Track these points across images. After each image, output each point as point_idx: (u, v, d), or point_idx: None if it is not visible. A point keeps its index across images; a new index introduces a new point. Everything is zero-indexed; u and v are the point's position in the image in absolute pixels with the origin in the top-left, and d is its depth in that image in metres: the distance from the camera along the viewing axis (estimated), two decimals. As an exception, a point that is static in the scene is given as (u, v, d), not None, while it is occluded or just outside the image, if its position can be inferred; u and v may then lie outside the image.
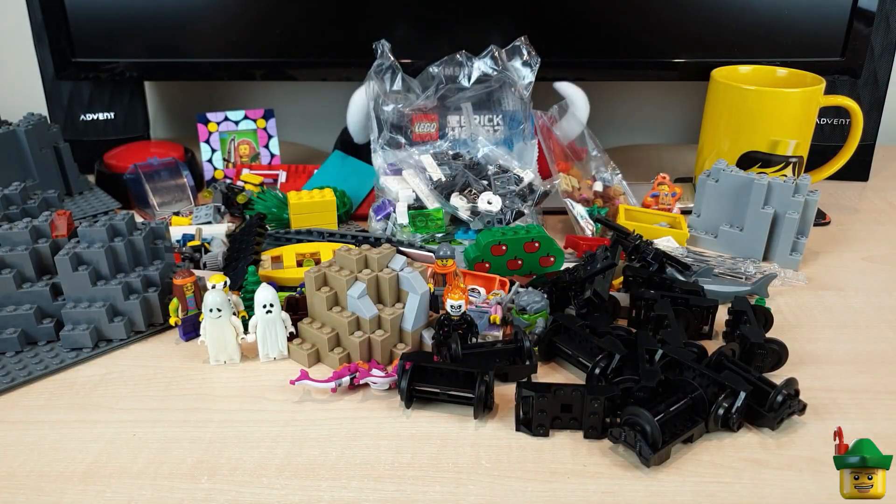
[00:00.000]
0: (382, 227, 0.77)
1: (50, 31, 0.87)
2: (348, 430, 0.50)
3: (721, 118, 0.82)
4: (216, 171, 0.92)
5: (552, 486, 0.45)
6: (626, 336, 0.56)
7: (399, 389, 0.52)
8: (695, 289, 0.61)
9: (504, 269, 0.68)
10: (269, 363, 0.58)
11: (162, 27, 0.88)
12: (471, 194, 0.76)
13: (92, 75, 0.91)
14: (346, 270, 0.57)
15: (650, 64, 0.91)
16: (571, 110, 0.86)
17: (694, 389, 0.49)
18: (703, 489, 0.45)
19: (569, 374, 0.57)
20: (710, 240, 0.76)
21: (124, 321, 0.60)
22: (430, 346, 0.57)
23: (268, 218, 0.77)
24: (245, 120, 0.92)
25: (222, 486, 0.45)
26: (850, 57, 0.87)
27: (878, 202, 0.90)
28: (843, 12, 0.85)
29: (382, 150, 0.81)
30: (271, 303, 0.56)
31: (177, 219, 0.79)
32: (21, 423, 0.51)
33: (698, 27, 0.88)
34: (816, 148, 0.84)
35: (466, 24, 0.89)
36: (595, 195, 0.82)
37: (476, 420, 0.51)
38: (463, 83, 0.80)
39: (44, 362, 0.57)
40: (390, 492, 0.45)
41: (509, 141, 0.83)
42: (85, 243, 0.59)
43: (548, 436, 0.49)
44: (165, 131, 1.14)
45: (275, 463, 0.47)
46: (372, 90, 0.81)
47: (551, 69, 0.84)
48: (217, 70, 0.92)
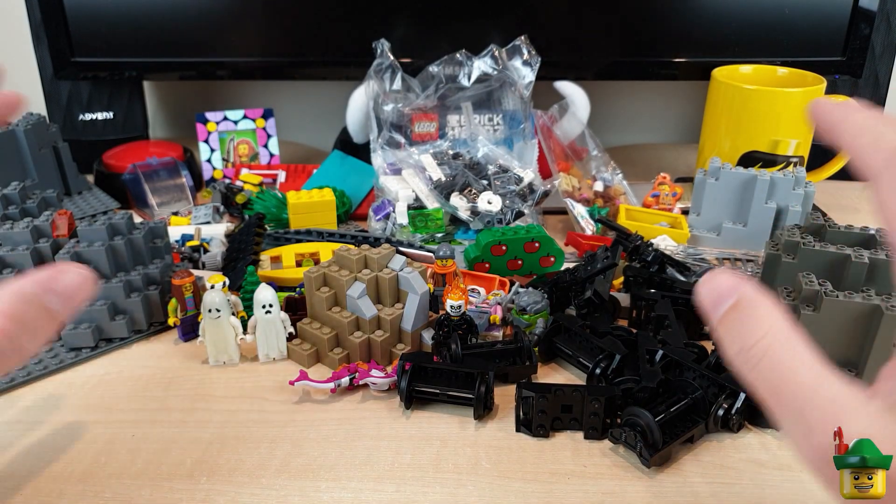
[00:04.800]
0: (382, 227, 0.77)
1: (49, 31, 0.87)
2: (348, 431, 0.50)
3: (722, 118, 0.82)
4: (215, 171, 0.92)
5: (552, 486, 0.45)
6: (627, 336, 0.56)
7: (399, 390, 0.51)
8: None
9: (504, 269, 0.68)
10: (269, 364, 0.58)
11: (161, 27, 0.88)
12: (471, 194, 0.75)
13: (91, 75, 0.91)
14: (346, 270, 0.56)
15: (650, 64, 0.91)
16: (572, 110, 0.86)
17: (694, 390, 0.49)
18: (703, 489, 0.45)
19: (569, 375, 0.57)
20: (713, 238, 0.76)
21: (126, 319, 0.59)
22: (429, 346, 0.57)
23: (267, 218, 0.77)
24: (244, 119, 0.92)
25: (221, 487, 0.45)
26: (851, 57, 0.87)
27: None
28: (844, 12, 0.85)
29: (382, 150, 0.80)
30: (270, 303, 0.55)
31: (176, 219, 0.78)
32: (20, 424, 0.51)
33: (699, 27, 0.88)
34: (817, 148, 0.83)
35: (466, 24, 0.89)
36: (595, 195, 0.82)
37: (476, 421, 0.51)
38: (463, 82, 0.80)
39: (43, 362, 0.57)
40: (390, 492, 0.44)
41: (509, 140, 0.83)
42: (85, 242, 0.59)
43: (548, 436, 0.49)
44: (164, 131, 1.14)
45: (274, 464, 0.47)
46: (371, 89, 0.81)
47: (551, 69, 0.84)
48: (216, 70, 0.92)
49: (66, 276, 0.35)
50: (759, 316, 0.32)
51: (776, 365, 0.30)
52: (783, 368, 0.30)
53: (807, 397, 0.29)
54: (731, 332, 0.33)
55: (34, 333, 0.34)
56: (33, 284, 0.34)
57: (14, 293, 0.34)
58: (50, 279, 0.35)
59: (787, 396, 0.29)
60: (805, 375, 0.29)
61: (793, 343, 0.31)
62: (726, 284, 0.34)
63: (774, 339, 0.31)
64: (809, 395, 0.29)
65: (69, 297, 0.35)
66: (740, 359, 0.32)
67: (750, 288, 0.34)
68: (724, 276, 0.34)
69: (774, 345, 0.31)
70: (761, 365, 0.31)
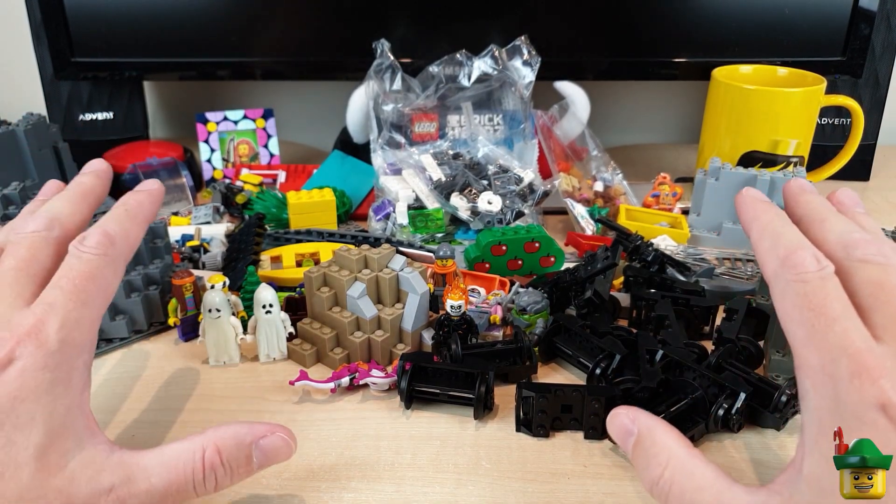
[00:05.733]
0: (382, 227, 0.77)
1: (49, 31, 0.87)
2: (348, 431, 0.50)
3: (722, 118, 0.82)
4: (215, 171, 0.92)
5: (552, 486, 0.45)
6: (627, 336, 0.56)
7: (399, 390, 0.51)
8: (696, 289, 0.61)
9: (504, 269, 0.68)
10: (269, 364, 0.58)
11: (161, 27, 0.88)
12: (471, 194, 0.75)
13: (91, 75, 0.91)
14: (346, 270, 0.56)
15: (650, 64, 0.91)
16: (572, 110, 0.86)
17: (694, 390, 0.49)
18: (703, 490, 0.45)
19: (569, 375, 0.57)
20: (714, 237, 0.76)
21: (126, 319, 0.59)
22: (429, 346, 0.57)
23: (267, 218, 0.77)
24: (244, 119, 0.92)
25: (221, 487, 0.45)
26: (851, 57, 0.87)
27: (879, 202, 0.90)
28: (844, 12, 0.85)
29: (382, 150, 0.80)
30: (271, 303, 0.55)
31: (176, 219, 0.79)
32: (20, 424, 0.51)
33: (698, 27, 0.88)
34: (817, 148, 0.83)
35: (466, 24, 0.89)
36: (596, 195, 0.82)
37: (476, 421, 0.51)
38: (463, 83, 0.80)
39: (43, 362, 0.57)
40: (390, 492, 0.44)
41: (509, 141, 0.83)
42: (84, 243, 0.59)
43: (548, 436, 0.49)
44: (164, 131, 1.14)
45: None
46: (371, 90, 0.81)
47: (551, 69, 0.84)
48: (217, 70, 0.92)
49: (275, 437, 0.39)
50: (658, 449, 0.36)
51: (682, 494, 0.35)
52: (687, 498, 0.34)
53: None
54: (640, 466, 0.37)
55: (232, 473, 0.38)
56: (251, 434, 0.39)
57: (233, 436, 0.38)
58: (263, 434, 0.39)
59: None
60: (707, 498, 0.34)
61: (690, 469, 0.35)
62: (626, 420, 0.39)
63: (675, 470, 0.35)
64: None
65: (269, 457, 0.40)
66: (655, 492, 0.36)
67: (645, 420, 0.38)
68: (622, 414, 0.39)
69: (676, 475, 0.35)
70: (671, 496, 0.35)
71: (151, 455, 0.37)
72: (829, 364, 0.31)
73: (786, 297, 0.34)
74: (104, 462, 0.35)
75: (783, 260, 0.34)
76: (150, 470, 0.36)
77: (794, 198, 0.41)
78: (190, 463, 0.36)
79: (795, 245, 0.35)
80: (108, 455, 0.36)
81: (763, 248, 0.37)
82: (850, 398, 0.30)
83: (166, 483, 0.36)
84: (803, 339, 0.32)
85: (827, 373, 0.31)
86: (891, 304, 0.32)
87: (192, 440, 0.38)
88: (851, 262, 0.34)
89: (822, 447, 0.31)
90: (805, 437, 0.33)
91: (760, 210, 0.40)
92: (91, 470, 0.35)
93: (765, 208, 0.40)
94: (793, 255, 0.34)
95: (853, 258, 0.34)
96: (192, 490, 0.37)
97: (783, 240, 0.35)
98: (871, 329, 0.31)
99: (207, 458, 0.37)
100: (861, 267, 0.33)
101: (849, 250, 0.34)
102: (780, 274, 0.34)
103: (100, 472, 0.35)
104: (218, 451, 0.37)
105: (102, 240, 0.38)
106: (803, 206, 0.40)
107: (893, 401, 0.29)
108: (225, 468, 0.37)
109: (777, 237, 0.36)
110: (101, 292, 0.37)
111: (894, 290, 0.32)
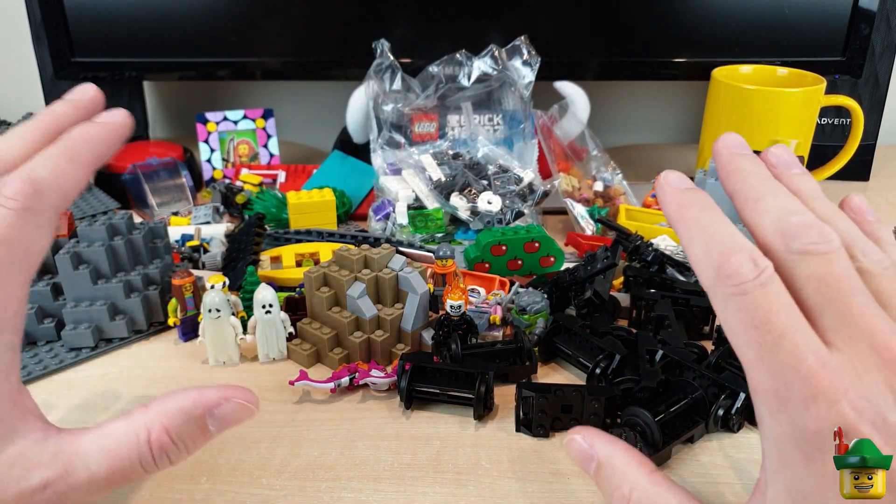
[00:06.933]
0: (382, 227, 0.77)
1: (49, 31, 0.87)
2: (348, 431, 0.50)
3: (722, 118, 0.82)
4: (215, 171, 0.92)
5: (552, 486, 0.45)
6: (627, 336, 0.56)
7: (399, 390, 0.51)
8: (695, 289, 0.61)
9: (504, 269, 0.68)
10: (269, 364, 0.58)
11: (161, 27, 0.88)
12: (471, 194, 0.75)
13: (91, 75, 0.91)
14: (346, 270, 0.56)
15: (650, 64, 0.91)
16: (572, 110, 0.86)
17: (694, 390, 0.49)
18: (703, 489, 0.45)
19: (569, 375, 0.57)
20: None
21: (126, 319, 0.59)
22: (429, 346, 0.57)
23: (267, 218, 0.77)
24: (244, 119, 0.92)
25: (221, 487, 0.45)
26: (851, 57, 0.87)
27: (879, 202, 0.90)
28: (844, 12, 0.85)
29: (382, 150, 0.80)
30: (270, 303, 0.55)
31: (175, 219, 0.78)
32: (20, 424, 0.51)
33: (698, 27, 0.88)
34: (817, 148, 0.83)
35: (466, 24, 0.89)
36: (595, 195, 0.82)
37: (476, 421, 0.51)
38: (463, 82, 0.80)
39: (43, 362, 0.57)
40: (390, 492, 0.44)
41: (509, 141, 0.83)
42: (85, 242, 0.59)
43: (548, 436, 0.49)
44: (164, 131, 1.14)
45: (274, 464, 0.47)
46: (371, 90, 0.81)
47: (551, 69, 0.84)
48: (217, 70, 0.92)
49: (230, 405, 0.36)
50: (620, 478, 0.36)
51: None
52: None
53: None
54: (604, 494, 0.37)
55: (186, 447, 0.36)
56: (200, 406, 0.36)
57: (180, 411, 0.35)
58: (216, 403, 0.36)
59: None
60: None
61: (655, 492, 0.35)
62: (584, 445, 0.38)
63: (641, 494, 0.35)
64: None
65: (228, 423, 0.37)
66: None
67: (603, 447, 0.38)
68: (578, 439, 0.39)
69: (643, 499, 0.35)
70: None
71: (91, 438, 0.33)
72: (783, 388, 0.28)
73: (727, 312, 0.30)
74: (36, 456, 0.32)
75: (718, 269, 0.30)
76: (89, 458, 0.33)
77: (725, 167, 0.35)
78: (134, 447, 0.34)
79: (729, 248, 0.30)
80: (41, 446, 0.32)
81: (694, 255, 0.32)
82: (809, 426, 0.28)
83: (108, 470, 0.33)
84: (753, 360, 0.29)
85: (781, 398, 0.29)
86: (837, 302, 0.29)
87: (133, 419, 0.34)
88: (791, 255, 0.30)
89: (784, 478, 0.29)
90: (766, 463, 0.31)
91: (685, 203, 0.33)
92: (20, 468, 0.31)
93: (690, 200, 0.33)
94: (727, 262, 0.30)
95: (792, 250, 0.30)
96: (142, 471, 0.34)
97: (714, 243, 0.31)
98: (821, 333, 0.29)
99: (154, 440, 0.34)
100: (801, 260, 0.30)
101: (787, 240, 0.30)
102: (717, 287, 0.30)
103: (31, 468, 0.32)
104: (166, 431, 0.34)
105: (24, 188, 0.31)
106: (735, 178, 0.34)
107: (855, 425, 0.27)
108: (178, 445, 0.35)
109: (708, 239, 0.31)
110: (18, 257, 0.31)
111: (839, 284, 0.29)
